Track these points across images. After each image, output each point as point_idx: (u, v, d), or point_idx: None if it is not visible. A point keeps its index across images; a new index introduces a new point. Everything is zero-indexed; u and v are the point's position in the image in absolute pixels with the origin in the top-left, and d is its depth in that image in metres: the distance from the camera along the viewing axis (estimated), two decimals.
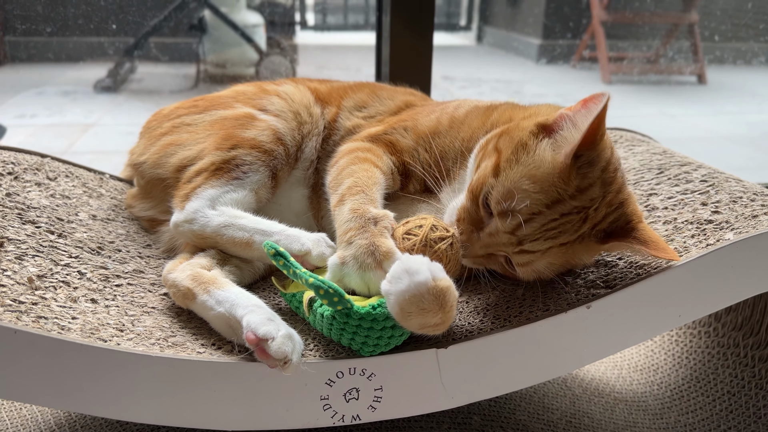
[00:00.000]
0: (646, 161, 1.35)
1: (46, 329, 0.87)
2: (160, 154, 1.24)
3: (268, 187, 1.18)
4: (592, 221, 0.95)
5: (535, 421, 1.25)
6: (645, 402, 1.43)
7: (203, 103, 1.31)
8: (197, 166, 1.17)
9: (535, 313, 0.99)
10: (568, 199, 0.92)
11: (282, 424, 0.94)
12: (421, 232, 0.93)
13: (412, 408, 0.97)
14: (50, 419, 1.27)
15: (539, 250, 0.95)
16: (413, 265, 0.84)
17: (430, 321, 0.84)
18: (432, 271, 0.84)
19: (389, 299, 0.84)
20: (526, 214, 0.92)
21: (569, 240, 0.95)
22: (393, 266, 0.85)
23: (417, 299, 0.82)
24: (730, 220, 1.06)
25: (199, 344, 0.95)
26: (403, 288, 0.83)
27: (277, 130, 1.21)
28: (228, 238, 1.07)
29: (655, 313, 1.00)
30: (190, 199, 1.11)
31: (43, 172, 1.29)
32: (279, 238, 1.03)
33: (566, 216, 0.93)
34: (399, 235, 0.95)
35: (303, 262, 1.00)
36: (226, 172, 1.14)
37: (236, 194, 1.13)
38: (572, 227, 0.94)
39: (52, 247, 1.07)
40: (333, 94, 1.38)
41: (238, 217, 1.09)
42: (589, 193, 0.93)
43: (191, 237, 1.10)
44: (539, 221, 0.93)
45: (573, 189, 0.92)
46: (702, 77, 5.05)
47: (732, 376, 1.39)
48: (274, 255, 0.94)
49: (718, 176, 1.23)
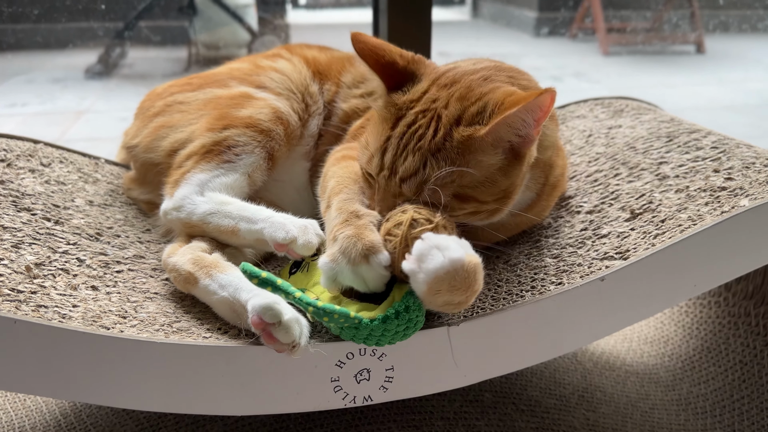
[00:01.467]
0: (654, 129, 1.32)
1: (46, 318, 0.84)
2: (152, 137, 1.20)
3: (263, 170, 1.13)
4: (448, 117, 0.91)
5: (547, 396, 1.23)
6: (656, 374, 1.41)
7: (197, 81, 1.27)
8: (188, 150, 1.13)
9: (547, 287, 0.97)
10: (407, 112, 0.93)
11: (292, 407, 0.92)
12: (400, 232, 0.86)
13: (424, 387, 0.95)
14: (55, 409, 1.25)
15: (413, 168, 0.90)
16: (442, 241, 0.80)
17: (457, 299, 0.81)
18: (463, 247, 0.81)
19: (417, 278, 0.80)
20: (379, 146, 0.93)
21: (434, 141, 0.90)
22: (417, 244, 0.81)
23: (450, 277, 0.79)
24: (744, 186, 1.04)
25: (205, 329, 0.92)
26: (437, 266, 0.79)
27: (277, 109, 1.16)
28: (214, 226, 1.03)
29: (670, 283, 0.98)
30: (179, 186, 1.08)
31: (37, 159, 1.25)
32: (264, 226, 0.98)
33: (414, 125, 0.92)
34: (381, 235, 0.88)
35: (288, 251, 0.95)
36: (216, 155, 1.10)
37: (227, 178, 1.08)
38: (428, 129, 0.91)
39: (49, 234, 1.04)
40: (332, 66, 1.33)
41: (225, 203, 1.04)
42: (428, 97, 0.94)
43: (179, 225, 1.07)
44: (393, 143, 0.92)
45: (406, 103, 0.94)
46: (700, 46, 5.00)
47: (744, 345, 1.37)
48: (259, 283, 0.85)
49: (728, 142, 1.20)
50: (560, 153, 1.15)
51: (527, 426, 1.13)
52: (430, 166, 0.89)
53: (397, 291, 0.85)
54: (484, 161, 0.90)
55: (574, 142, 1.41)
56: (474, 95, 0.93)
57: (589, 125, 1.46)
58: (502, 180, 0.93)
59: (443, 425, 1.09)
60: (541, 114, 0.88)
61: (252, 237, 1.00)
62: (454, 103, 0.92)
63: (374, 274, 0.84)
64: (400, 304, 0.82)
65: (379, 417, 1.11)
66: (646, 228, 1.02)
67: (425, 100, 0.94)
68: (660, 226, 1.01)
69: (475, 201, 0.92)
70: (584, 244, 1.05)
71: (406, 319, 0.82)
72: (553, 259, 1.04)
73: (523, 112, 0.87)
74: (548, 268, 1.02)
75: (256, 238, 1.00)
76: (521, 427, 1.12)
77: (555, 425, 1.15)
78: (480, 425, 1.11)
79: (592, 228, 1.08)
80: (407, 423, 1.09)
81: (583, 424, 1.18)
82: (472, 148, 0.89)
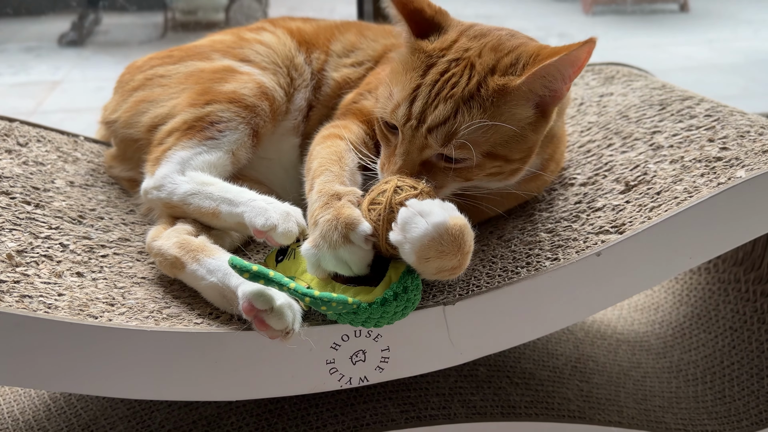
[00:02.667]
0: (647, 97, 1.30)
1: (31, 309, 0.81)
2: (131, 112, 1.16)
3: (247, 147, 1.09)
4: (483, 65, 0.90)
5: (541, 368, 1.23)
6: (647, 342, 1.42)
7: (178, 53, 1.22)
8: (169, 126, 1.08)
9: (543, 263, 0.96)
10: (439, 60, 0.92)
11: (287, 390, 0.91)
12: (383, 199, 0.84)
13: (420, 366, 0.94)
14: (44, 393, 1.23)
15: (444, 116, 0.88)
16: (425, 207, 0.79)
17: (448, 264, 0.80)
18: (446, 210, 0.80)
19: (404, 248, 0.79)
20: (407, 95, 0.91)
21: (467, 89, 0.89)
22: (401, 212, 0.79)
23: (436, 242, 0.78)
24: (740, 156, 1.02)
25: (196, 314, 0.90)
26: (421, 233, 0.77)
27: (262, 84, 1.12)
28: (195, 207, 0.99)
29: (665, 256, 0.97)
30: (159, 164, 1.03)
31: (13, 138, 1.21)
32: (244, 210, 0.93)
33: (447, 73, 0.91)
34: (364, 207, 0.86)
35: (267, 238, 0.90)
36: (198, 131, 1.05)
37: (209, 156, 1.04)
38: (461, 77, 0.90)
39: (30, 218, 1.00)
40: (320, 35, 1.29)
41: (206, 184, 1.00)
42: (458, 46, 0.93)
43: (160, 205, 1.03)
44: (424, 91, 0.90)
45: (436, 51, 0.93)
46: (684, 5, 4.96)
47: (733, 311, 1.38)
48: (250, 277, 0.79)
49: (722, 110, 1.19)
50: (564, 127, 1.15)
51: (522, 399, 1.13)
52: (462, 114, 0.88)
53: (393, 271, 0.83)
54: (517, 114, 0.90)
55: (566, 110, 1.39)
56: (506, 47, 0.93)
57: (580, 93, 1.44)
58: (531, 136, 0.92)
59: (439, 401, 1.09)
60: (576, 69, 0.88)
61: (233, 220, 0.96)
62: (488, 52, 0.92)
63: (356, 256, 0.82)
64: (398, 285, 0.81)
65: (375, 395, 1.10)
66: (642, 200, 1.01)
67: (456, 49, 0.93)
68: (655, 199, 1.00)
69: (503, 159, 0.92)
70: (579, 217, 1.04)
71: (404, 300, 0.81)
72: (548, 234, 1.03)
73: (561, 63, 0.86)
74: (543, 243, 1.01)
75: (236, 221, 0.96)
76: (516, 400, 1.12)
77: (549, 397, 1.16)
78: (475, 400, 1.11)
79: (586, 201, 1.07)
80: (403, 400, 1.09)
81: (577, 395, 1.18)
82: (506, 99, 0.89)
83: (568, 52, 0.85)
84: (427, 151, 0.90)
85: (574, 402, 1.16)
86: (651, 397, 1.25)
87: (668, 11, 5.06)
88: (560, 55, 0.85)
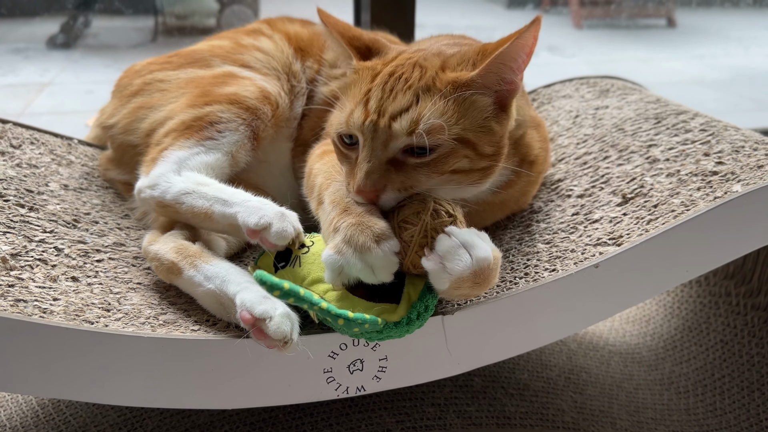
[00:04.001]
0: (642, 111, 1.31)
1: (26, 313, 0.80)
2: (130, 118, 1.14)
3: (247, 149, 1.07)
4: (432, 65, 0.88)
5: (535, 379, 1.23)
6: (639, 354, 1.42)
7: (178, 59, 1.21)
8: (167, 127, 1.07)
9: (541, 274, 0.96)
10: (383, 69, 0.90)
11: (284, 399, 0.90)
12: (418, 221, 0.81)
13: (418, 376, 0.93)
14: (31, 399, 1.21)
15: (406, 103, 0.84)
16: (467, 238, 0.78)
17: (475, 293, 0.81)
18: (485, 242, 0.80)
19: (440, 276, 0.78)
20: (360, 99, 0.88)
21: (422, 81, 0.86)
22: (443, 241, 0.78)
23: (475, 275, 0.78)
24: (736, 171, 1.03)
25: (192, 321, 0.89)
26: (463, 267, 0.77)
27: (264, 89, 1.11)
28: (187, 206, 0.95)
29: (662, 269, 0.97)
30: (155, 163, 1.01)
31: (6, 140, 1.19)
32: (238, 210, 0.90)
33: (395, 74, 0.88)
34: (395, 224, 0.83)
35: (261, 239, 0.87)
36: (196, 131, 1.03)
37: (207, 157, 1.02)
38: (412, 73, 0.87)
39: (24, 222, 0.99)
40: (314, 42, 1.28)
41: (202, 184, 0.97)
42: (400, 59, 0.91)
43: (152, 204, 0.99)
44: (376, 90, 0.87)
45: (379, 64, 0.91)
46: (671, 21, 5.02)
47: (724, 324, 1.39)
48: (281, 294, 0.78)
49: (716, 125, 1.20)
50: (539, 131, 1.11)
51: (517, 410, 1.13)
52: (423, 101, 0.85)
53: (412, 288, 0.82)
54: (479, 101, 0.87)
55: (561, 122, 1.40)
56: (449, 52, 0.92)
57: (575, 105, 1.45)
58: (497, 127, 0.88)
59: (434, 411, 1.09)
60: (526, 55, 0.85)
61: (225, 221, 0.93)
62: (432, 57, 0.90)
63: (384, 262, 0.79)
64: (420, 305, 0.80)
65: (370, 405, 1.10)
66: (639, 213, 1.02)
67: (400, 59, 0.91)
68: (653, 211, 1.01)
69: (473, 148, 0.87)
70: (576, 229, 1.04)
71: (425, 318, 0.81)
72: (546, 245, 1.03)
73: (512, 50, 0.83)
74: (541, 254, 1.01)
75: (229, 222, 0.92)
76: (511, 411, 1.12)
77: (544, 408, 1.16)
78: (471, 410, 1.10)
79: (583, 213, 1.07)
80: (398, 410, 1.08)
81: (571, 406, 1.18)
82: (462, 90, 0.85)
83: (516, 37, 0.82)
84: (392, 144, 0.84)
85: (568, 413, 1.16)
86: (643, 409, 1.26)
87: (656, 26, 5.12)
88: (509, 42, 0.82)
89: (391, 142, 0.84)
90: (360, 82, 0.91)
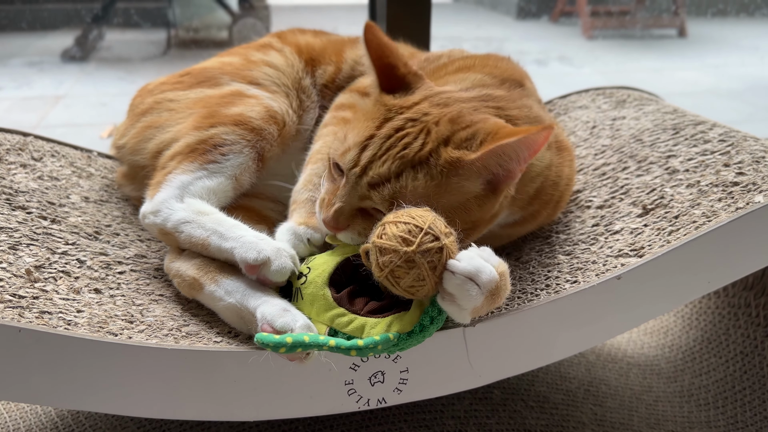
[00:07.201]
0: (659, 121, 1.31)
1: (51, 325, 0.81)
2: (138, 138, 1.14)
3: (251, 171, 1.06)
4: (438, 134, 0.88)
5: (554, 391, 1.23)
6: (658, 365, 1.41)
7: (189, 79, 1.20)
8: (172, 150, 1.06)
9: (562, 285, 0.95)
10: (396, 116, 0.90)
11: (306, 411, 0.90)
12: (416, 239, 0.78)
13: (439, 388, 0.93)
14: (51, 411, 1.22)
15: (386, 175, 0.86)
16: (469, 268, 0.78)
17: (494, 307, 0.82)
18: (489, 260, 0.80)
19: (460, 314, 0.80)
20: (360, 142, 0.89)
21: (419, 154, 0.86)
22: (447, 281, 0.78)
23: (488, 297, 0.79)
24: (757, 181, 1.03)
25: (215, 332, 0.89)
26: (477, 299, 0.78)
27: (270, 108, 1.10)
28: (186, 236, 0.95)
29: (684, 280, 0.97)
30: (159, 189, 1.00)
31: (27, 153, 1.20)
32: (234, 246, 0.90)
33: (402, 130, 0.89)
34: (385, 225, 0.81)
35: (260, 277, 0.88)
36: (200, 154, 1.02)
37: (209, 182, 1.01)
38: (415, 139, 0.88)
39: (47, 234, 1.00)
40: (328, 49, 1.28)
41: (202, 213, 0.96)
42: (418, 109, 0.91)
43: (155, 231, 0.99)
44: (376, 142, 0.88)
45: (396, 107, 0.91)
46: (682, 30, 5.02)
47: (744, 336, 1.38)
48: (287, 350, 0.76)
49: (735, 135, 1.19)
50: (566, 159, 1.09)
51: (537, 423, 1.12)
52: (406, 177, 0.86)
53: None
54: (465, 187, 0.87)
55: (579, 133, 1.40)
56: (465, 121, 0.90)
57: (592, 116, 1.45)
58: (476, 211, 0.89)
59: (454, 424, 1.08)
60: (531, 152, 0.85)
61: (221, 256, 0.92)
62: (446, 123, 0.89)
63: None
64: (432, 309, 0.81)
65: (390, 417, 1.09)
66: (660, 224, 1.01)
67: (416, 110, 0.91)
68: (674, 222, 1.00)
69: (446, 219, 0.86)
70: (597, 240, 1.04)
71: (439, 321, 0.81)
72: (566, 257, 1.03)
73: (518, 145, 0.84)
74: (562, 265, 1.01)
75: (225, 257, 0.92)
76: (532, 424, 1.11)
77: (564, 421, 1.15)
78: (491, 423, 1.10)
79: (603, 224, 1.07)
80: (418, 422, 1.08)
81: (591, 419, 1.18)
82: (457, 172, 0.86)
83: (526, 134, 0.82)
84: (366, 202, 0.88)
85: (589, 426, 1.15)
86: (664, 421, 1.24)
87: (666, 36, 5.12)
88: (518, 137, 0.82)
89: (365, 201, 0.88)
90: (371, 119, 0.92)
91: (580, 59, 4.57)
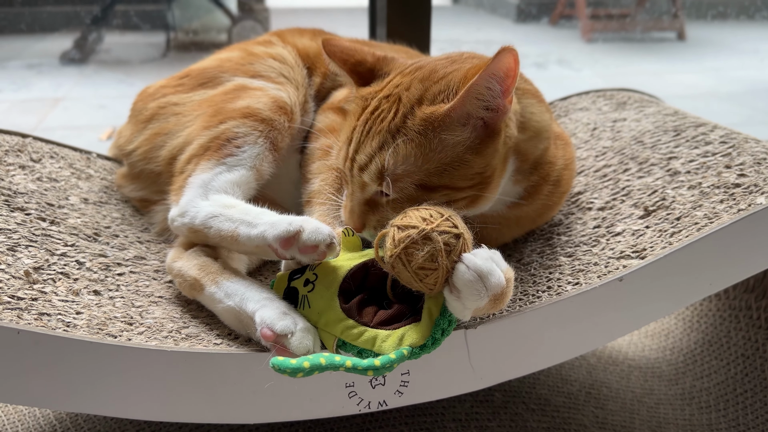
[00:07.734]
0: (660, 123, 1.31)
1: (50, 327, 0.80)
2: (149, 145, 1.14)
3: (269, 161, 1.05)
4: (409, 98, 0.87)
5: (556, 394, 1.22)
6: (659, 368, 1.41)
7: (189, 81, 1.19)
8: (187, 154, 1.05)
9: (564, 287, 0.95)
10: (371, 101, 0.91)
11: (307, 414, 0.89)
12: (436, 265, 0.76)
13: (440, 391, 0.93)
14: (49, 413, 1.21)
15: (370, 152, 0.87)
16: (483, 267, 0.76)
17: (493, 311, 0.82)
18: (498, 263, 0.79)
19: (462, 311, 0.78)
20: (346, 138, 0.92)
21: (393, 122, 0.87)
22: (458, 274, 0.76)
23: (491, 300, 0.78)
24: (759, 183, 1.03)
25: (215, 335, 0.89)
26: (482, 299, 0.77)
27: (278, 98, 1.10)
28: (215, 231, 0.93)
29: (686, 282, 0.96)
30: (182, 192, 1.00)
31: (26, 154, 1.20)
32: (263, 229, 0.87)
33: (378, 110, 0.89)
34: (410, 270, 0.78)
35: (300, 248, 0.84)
36: (215, 151, 1.02)
37: (231, 175, 1.00)
38: (389, 112, 0.88)
39: (46, 235, 0.99)
40: (320, 56, 1.27)
41: (228, 206, 0.95)
42: (391, 84, 0.91)
43: (185, 232, 0.98)
44: (358, 131, 0.90)
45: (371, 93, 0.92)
46: (681, 34, 5.02)
47: (745, 338, 1.38)
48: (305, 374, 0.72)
49: (736, 137, 1.19)
50: (560, 144, 1.08)
51: (539, 426, 1.11)
52: (386, 148, 0.86)
53: (432, 302, 0.81)
54: (448, 139, 0.85)
55: (579, 135, 1.39)
56: (437, 76, 0.89)
57: (593, 118, 1.44)
58: (475, 160, 0.86)
59: (455, 427, 1.08)
60: (506, 78, 0.82)
61: (252, 244, 0.90)
62: (416, 84, 0.89)
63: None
64: (443, 320, 0.79)
65: (391, 420, 1.09)
66: (662, 226, 1.01)
67: (389, 86, 0.92)
68: (675, 224, 1.00)
69: (446, 188, 0.87)
70: (599, 242, 1.04)
71: (449, 331, 0.80)
72: (568, 258, 1.02)
73: (485, 78, 0.81)
74: (563, 267, 1.00)
75: (257, 245, 0.90)
76: (533, 426, 1.11)
77: (566, 424, 1.14)
78: (492, 426, 1.09)
79: (605, 225, 1.07)
80: (419, 425, 1.07)
81: (593, 421, 1.17)
82: (434, 126, 0.85)
83: (490, 62, 0.80)
84: (367, 189, 0.89)
85: (590, 429, 1.15)
86: (665, 424, 1.24)
87: (666, 39, 5.12)
88: (485, 69, 0.80)
89: (366, 188, 0.90)
90: (354, 114, 0.93)
91: (580, 62, 4.57)
